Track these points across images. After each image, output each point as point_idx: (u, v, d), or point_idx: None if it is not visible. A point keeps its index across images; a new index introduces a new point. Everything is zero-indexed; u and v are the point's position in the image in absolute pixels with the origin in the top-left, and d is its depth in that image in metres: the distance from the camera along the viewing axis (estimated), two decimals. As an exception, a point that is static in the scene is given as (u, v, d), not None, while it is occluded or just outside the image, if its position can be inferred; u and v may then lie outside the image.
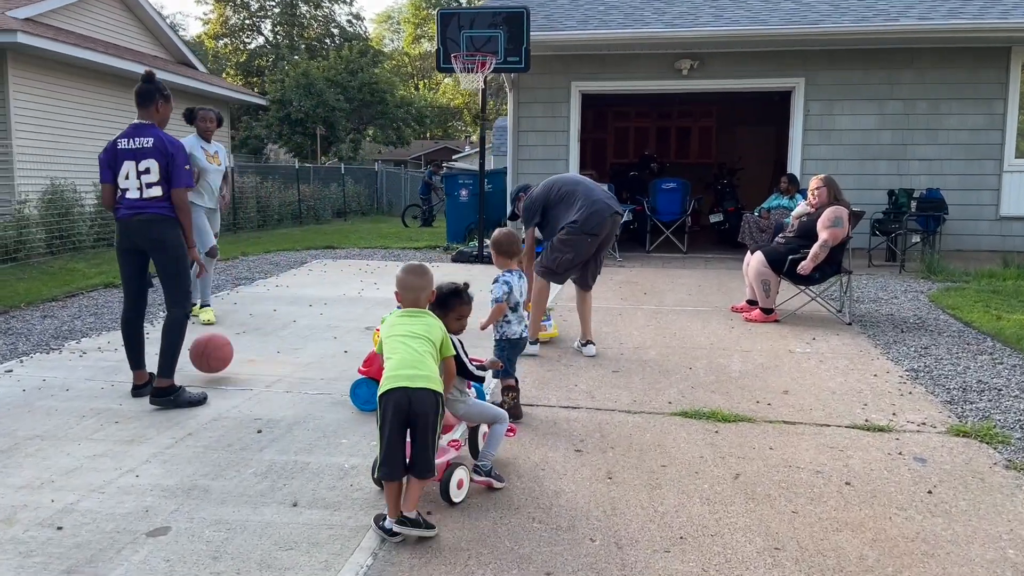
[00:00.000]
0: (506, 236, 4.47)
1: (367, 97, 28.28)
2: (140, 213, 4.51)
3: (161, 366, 4.56)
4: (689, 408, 4.54)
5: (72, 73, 14.31)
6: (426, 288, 3.19)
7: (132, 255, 4.65)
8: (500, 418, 3.53)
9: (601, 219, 5.51)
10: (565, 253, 5.58)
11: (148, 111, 4.63)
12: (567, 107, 11.84)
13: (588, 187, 5.65)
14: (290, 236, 14.63)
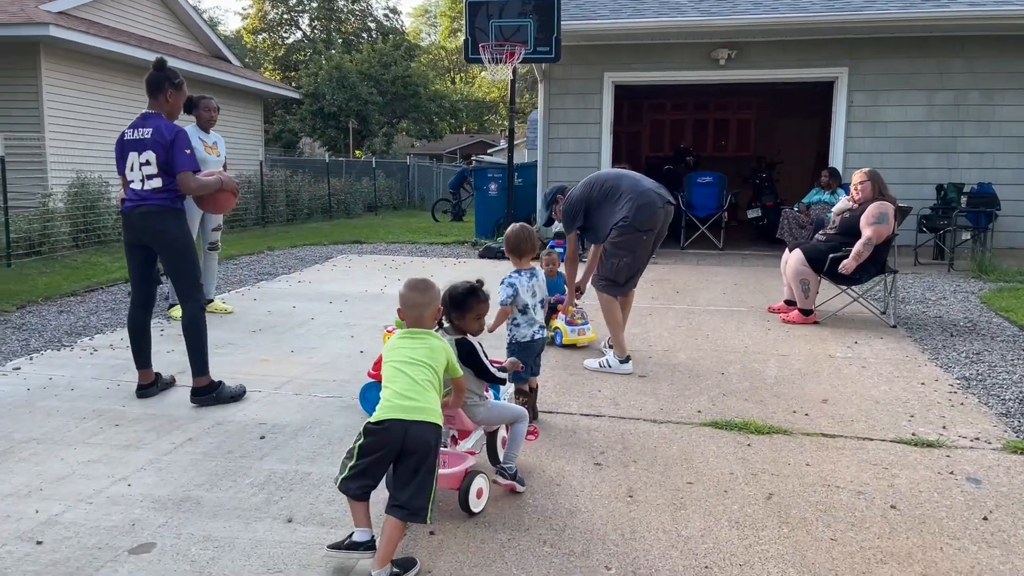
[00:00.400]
0: (517, 233, 4.16)
1: (400, 90, 28.15)
2: (140, 205, 4.36)
3: (194, 365, 4.42)
4: (720, 418, 4.24)
5: (105, 66, 14.34)
6: (430, 305, 2.92)
7: (137, 250, 4.49)
8: (521, 416, 3.37)
9: (653, 211, 4.98)
10: (622, 257, 5.04)
11: (157, 100, 4.45)
12: (599, 99, 11.52)
13: (633, 179, 5.12)
14: (319, 230, 14.52)
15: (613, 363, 5.11)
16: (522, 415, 3.39)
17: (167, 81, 4.46)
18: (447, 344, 2.98)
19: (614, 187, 5.11)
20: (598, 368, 5.15)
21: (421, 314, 2.90)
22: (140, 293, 4.56)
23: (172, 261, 4.46)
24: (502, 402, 3.56)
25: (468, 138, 46.67)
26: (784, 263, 6.95)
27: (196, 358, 4.44)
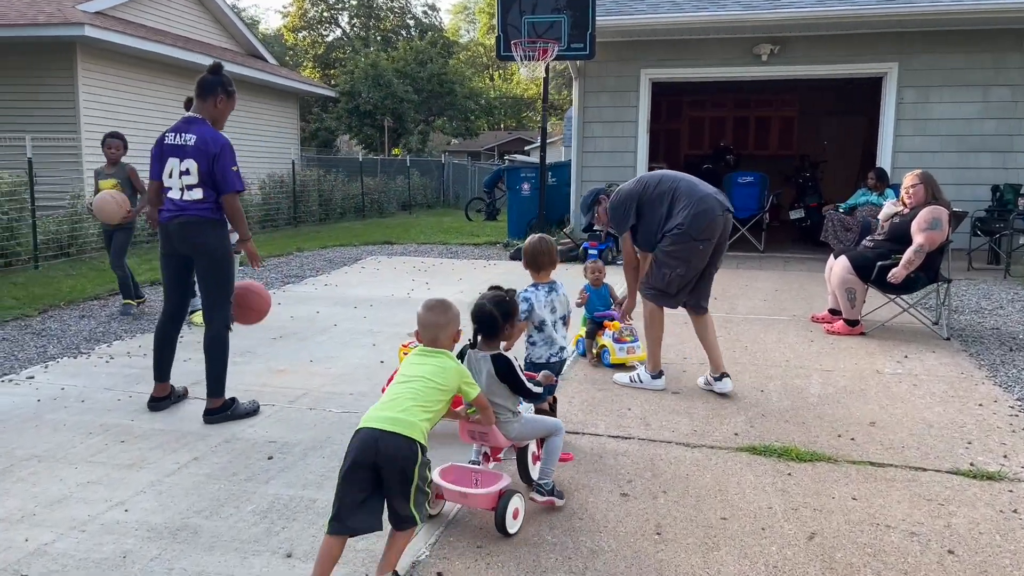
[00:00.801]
0: (534, 245, 3.90)
1: (436, 88, 28.01)
2: (179, 215, 4.17)
3: (210, 387, 4.25)
4: (758, 442, 3.94)
5: (141, 66, 14.39)
6: (448, 326, 2.83)
7: (173, 259, 4.30)
8: (556, 429, 3.26)
9: (711, 218, 4.52)
10: (675, 267, 4.60)
11: (205, 104, 4.27)
12: (636, 96, 11.19)
13: (690, 182, 4.67)
14: (351, 230, 14.41)
15: (645, 378, 4.82)
16: (557, 428, 3.27)
17: (220, 87, 4.31)
18: (461, 367, 2.85)
19: (670, 189, 4.64)
20: (628, 383, 4.85)
21: (436, 336, 2.81)
22: (173, 304, 4.40)
23: (208, 273, 4.27)
24: (536, 416, 3.38)
25: (506, 135, 46.45)
26: (829, 270, 6.60)
27: (215, 378, 4.26)
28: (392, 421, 2.56)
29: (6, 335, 5.93)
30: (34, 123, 12.74)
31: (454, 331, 2.85)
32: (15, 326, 6.20)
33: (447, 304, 2.88)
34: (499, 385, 3.08)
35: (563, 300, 3.87)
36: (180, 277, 4.37)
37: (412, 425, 2.57)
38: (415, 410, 2.61)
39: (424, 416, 2.63)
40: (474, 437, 3.23)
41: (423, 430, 2.60)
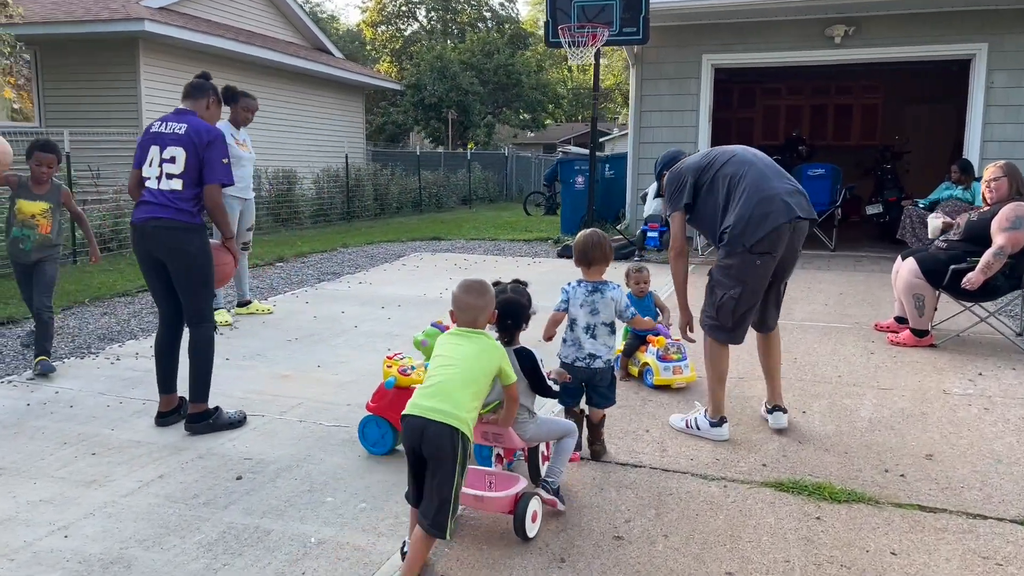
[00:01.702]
0: (585, 238, 3.58)
1: (503, 79, 27.63)
2: (156, 218, 3.88)
3: (193, 391, 4.00)
4: (788, 476, 3.42)
5: (203, 60, 14.47)
6: (485, 309, 2.79)
7: (154, 264, 4.00)
8: (570, 431, 3.15)
9: (771, 225, 3.54)
10: (728, 288, 3.70)
11: (197, 104, 4.06)
12: (697, 83, 10.55)
13: (761, 172, 3.67)
14: (404, 225, 14.20)
15: (703, 424, 3.90)
16: (571, 429, 3.15)
17: (212, 90, 4.13)
18: (502, 348, 2.80)
19: (735, 173, 3.69)
20: (684, 428, 3.96)
21: (476, 317, 2.75)
22: (167, 310, 4.11)
23: (187, 279, 3.99)
24: (551, 418, 3.27)
25: (583, 127, 45.76)
26: (895, 273, 5.92)
27: (198, 384, 4.01)
28: (437, 411, 2.51)
29: (21, 333, 5.84)
30: (98, 118, 12.95)
31: (491, 312, 2.82)
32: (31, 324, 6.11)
33: (485, 286, 2.82)
34: (520, 382, 2.92)
35: (607, 304, 3.50)
36: (168, 279, 4.09)
37: (458, 416, 2.51)
38: (461, 398, 2.55)
39: (472, 404, 2.58)
40: (487, 438, 3.05)
41: (469, 420, 2.55)
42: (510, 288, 3.06)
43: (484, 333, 2.75)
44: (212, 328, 4.11)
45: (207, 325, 4.07)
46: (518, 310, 3.01)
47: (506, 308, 2.96)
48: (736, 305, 3.70)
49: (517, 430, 3.01)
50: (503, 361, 2.71)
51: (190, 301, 4.04)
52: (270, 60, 15.67)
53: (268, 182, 12.86)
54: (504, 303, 2.97)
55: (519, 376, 2.95)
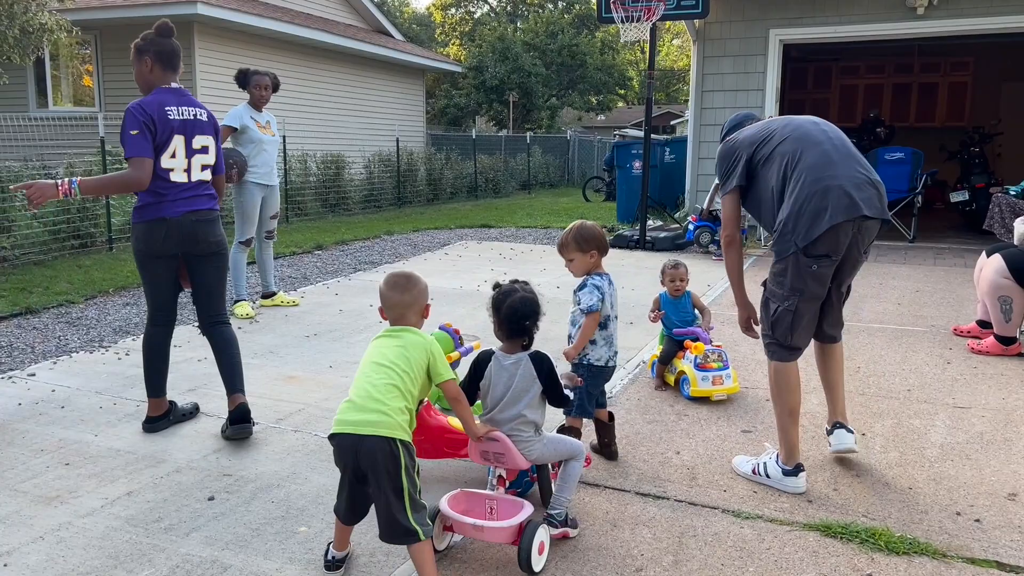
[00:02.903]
0: (594, 229, 3.35)
1: (567, 60, 26.93)
2: (196, 211, 3.59)
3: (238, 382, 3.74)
4: (837, 517, 2.90)
5: (258, 43, 14.37)
6: (413, 304, 2.60)
7: (168, 260, 3.66)
8: (576, 452, 2.83)
9: (833, 222, 2.93)
10: (783, 299, 3.11)
11: (176, 72, 3.67)
12: (763, 60, 9.82)
13: (825, 151, 3.03)
14: (455, 212, 13.83)
15: (773, 472, 3.16)
16: (579, 450, 2.85)
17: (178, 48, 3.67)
18: (430, 340, 2.56)
19: (794, 152, 3.07)
20: (750, 475, 3.24)
21: (403, 314, 2.59)
22: (167, 311, 3.81)
23: (221, 273, 3.81)
24: (559, 436, 2.92)
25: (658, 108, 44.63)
26: (978, 271, 5.24)
27: (241, 375, 3.78)
28: (366, 423, 2.34)
29: (38, 324, 5.69)
30: (154, 103, 12.95)
31: (422, 307, 2.63)
32: (54, 314, 5.97)
33: (413, 279, 2.63)
34: (527, 394, 2.67)
35: (614, 295, 3.33)
36: (175, 278, 3.80)
37: (389, 423, 2.34)
38: (389, 405, 2.36)
39: (400, 406, 2.38)
40: (488, 459, 2.73)
41: (403, 425, 2.37)
42: (520, 287, 2.76)
43: (409, 328, 2.56)
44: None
45: (229, 323, 3.89)
46: (533, 308, 2.71)
47: (522, 308, 2.69)
48: (793, 319, 3.11)
49: (522, 449, 2.69)
50: (433, 354, 2.51)
51: (218, 298, 3.83)
52: (326, 42, 15.48)
53: (317, 166, 12.63)
54: (519, 303, 2.69)
55: (525, 389, 2.66)
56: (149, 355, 3.80)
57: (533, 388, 2.66)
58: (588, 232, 3.26)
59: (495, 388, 2.69)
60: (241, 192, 5.90)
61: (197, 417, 3.95)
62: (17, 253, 7.47)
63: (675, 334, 4.34)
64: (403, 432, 2.35)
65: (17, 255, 7.47)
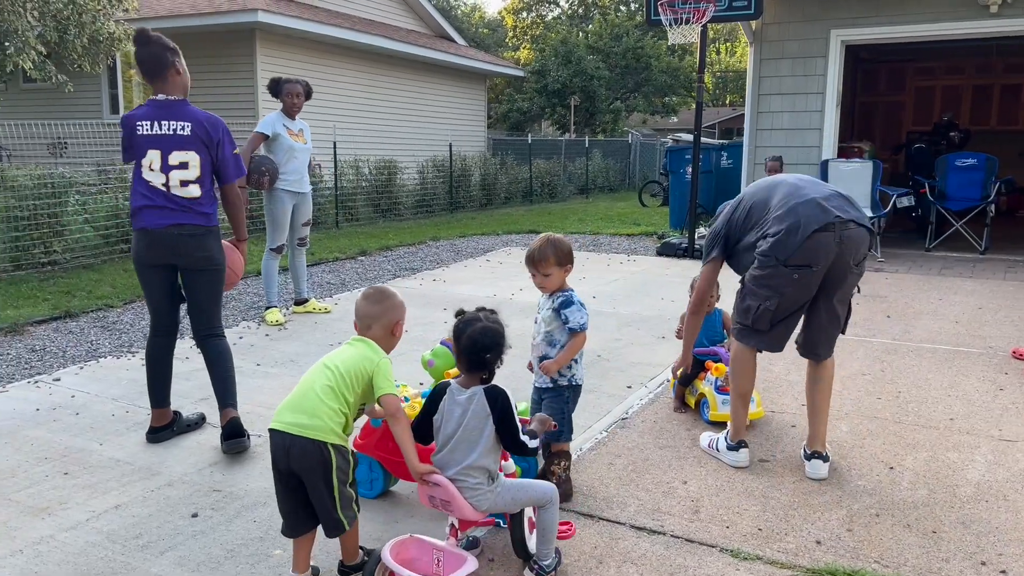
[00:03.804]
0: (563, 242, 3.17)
1: (631, 63, 26.53)
2: (180, 225, 3.55)
3: (232, 397, 3.72)
4: (845, 563, 2.66)
5: (320, 49, 14.58)
6: (382, 317, 2.58)
7: (159, 270, 3.68)
8: (547, 499, 2.54)
9: (805, 234, 3.07)
10: (763, 299, 3.26)
11: (167, 81, 3.56)
12: (824, 63, 9.40)
13: (795, 185, 3.27)
14: (507, 217, 13.71)
15: (722, 446, 3.50)
16: (548, 496, 2.55)
17: (166, 51, 3.56)
18: (380, 354, 2.52)
19: (765, 199, 3.31)
20: (707, 449, 3.59)
21: (368, 325, 2.59)
22: (169, 320, 3.82)
23: (212, 288, 3.73)
24: (520, 481, 2.64)
25: (730, 111, 43.68)
26: (1040, 290, 4.85)
27: (232, 390, 3.74)
28: (298, 425, 2.38)
29: (74, 328, 5.81)
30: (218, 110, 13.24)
31: (391, 322, 2.59)
32: (91, 319, 6.09)
33: (386, 292, 2.63)
34: (481, 435, 2.44)
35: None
36: (171, 286, 3.78)
37: (322, 427, 2.38)
38: (324, 407, 2.39)
39: (334, 408, 2.41)
40: (435, 504, 2.51)
41: (335, 428, 2.40)
42: (483, 316, 2.57)
43: (366, 340, 2.55)
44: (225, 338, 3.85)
45: (224, 337, 3.83)
46: (496, 340, 2.50)
47: (481, 339, 2.47)
48: (773, 316, 3.27)
49: (471, 499, 2.44)
50: (378, 369, 2.47)
51: (210, 312, 3.77)
52: (387, 48, 15.61)
53: (370, 171, 12.71)
54: (479, 334, 2.48)
55: (477, 429, 2.43)
56: (149, 365, 3.81)
57: (487, 427, 2.44)
58: (565, 246, 3.10)
59: (447, 424, 2.48)
60: (272, 199, 5.92)
61: (202, 428, 3.94)
62: (68, 257, 7.70)
63: (696, 353, 4.11)
64: (334, 436, 2.39)
65: (68, 259, 7.70)
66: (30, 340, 5.50)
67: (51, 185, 7.51)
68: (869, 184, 8.91)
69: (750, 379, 3.47)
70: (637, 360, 5.05)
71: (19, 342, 5.45)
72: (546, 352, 3.12)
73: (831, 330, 3.35)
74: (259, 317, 6.16)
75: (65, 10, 10.19)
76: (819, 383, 3.40)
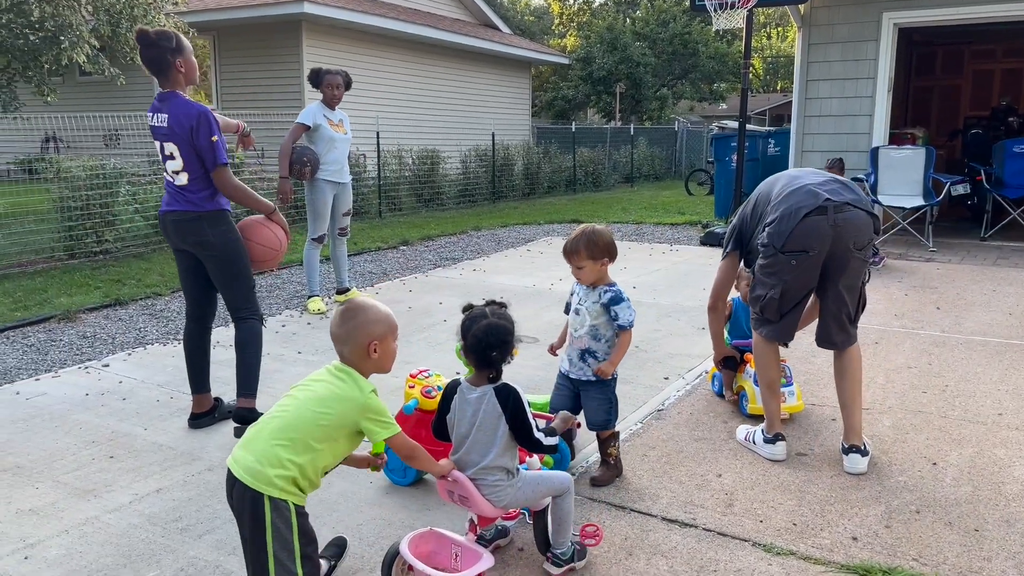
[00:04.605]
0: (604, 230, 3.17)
1: (679, 49, 26.14)
2: (172, 211, 3.69)
3: (241, 388, 3.78)
4: (881, 560, 2.61)
5: (364, 39, 14.70)
6: (349, 339, 2.25)
7: (183, 255, 3.80)
8: (563, 488, 2.51)
9: (797, 218, 3.12)
10: (769, 288, 3.31)
11: (169, 78, 3.64)
12: (874, 47, 9.14)
13: (793, 176, 3.36)
14: (549, 206, 13.65)
15: (758, 439, 3.48)
16: (565, 486, 2.51)
17: (167, 52, 3.59)
18: (367, 397, 2.20)
19: (764, 195, 3.44)
20: (743, 442, 3.56)
21: (341, 351, 2.28)
22: (196, 304, 3.91)
23: (222, 271, 3.74)
24: (537, 473, 2.57)
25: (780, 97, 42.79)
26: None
27: (246, 377, 3.78)
28: (248, 470, 2.05)
29: (124, 316, 5.97)
30: (266, 101, 13.46)
31: (364, 342, 2.24)
32: (140, 306, 6.25)
33: (357, 308, 2.31)
34: (495, 434, 2.37)
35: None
36: (197, 272, 3.84)
37: (268, 480, 2.03)
38: (276, 453, 2.06)
39: (287, 459, 2.06)
40: (453, 499, 2.48)
41: (279, 479, 2.04)
42: (490, 311, 2.46)
43: (351, 374, 2.22)
44: (257, 322, 3.85)
45: (251, 320, 3.81)
46: (503, 337, 2.39)
47: (486, 337, 2.37)
48: (780, 304, 3.32)
49: (489, 495, 2.39)
50: (364, 415, 2.16)
51: (227, 296, 3.81)
52: (430, 37, 15.66)
53: (412, 161, 12.78)
54: (484, 331, 2.38)
55: (491, 428, 2.37)
56: (185, 351, 3.90)
57: (500, 427, 2.37)
58: (602, 239, 3.06)
59: (459, 424, 2.42)
60: (313, 190, 5.99)
61: (243, 414, 4.01)
62: (119, 246, 7.91)
63: (737, 344, 4.06)
64: (275, 488, 2.03)
65: (119, 247, 7.91)
66: (82, 327, 5.67)
67: (103, 176, 7.71)
68: (921, 171, 8.65)
69: (775, 368, 3.46)
70: (675, 351, 4.99)
71: (71, 329, 5.62)
72: (590, 346, 3.11)
73: (841, 318, 3.33)
74: (301, 306, 6.25)
75: (118, 4, 10.42)
76: (845, 373, 3.38)
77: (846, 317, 3.32)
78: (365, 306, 2.31)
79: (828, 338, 3.38)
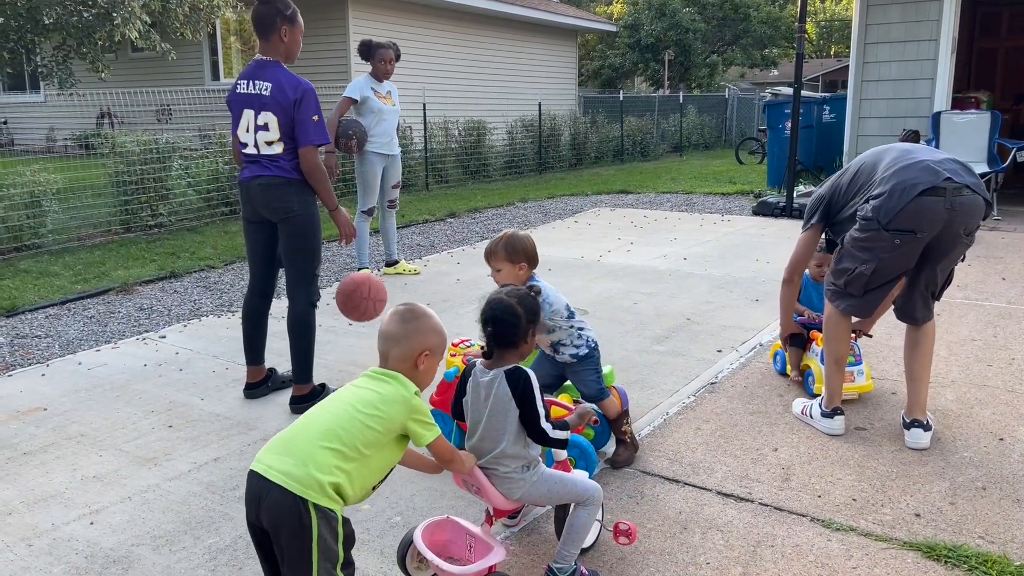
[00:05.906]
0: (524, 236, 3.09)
1: (729, 14, 25.49)
2: (260, 176, 3.66)
3: (296, 373, 3.79)
4: (947, 537, 2.54)
5: (411, 11, 14.61)
6: (403, 341, 2.08)
7: (256, 226, 3.81)
8: (588, 496, 2.33)
9: (910, 196, 2.90)
10: (859, 263, 3.12)
11: (270, 43, 3.64)
12: (937, 6, 8.78)
13: (906, 149, 3.12)
14: (597, 177, 13.51)
15: (815, 413, 3.40)
16: (590, 496, 2.33)
17: (278, 15, 3.61)
18: (414, 400, 2.03)
19: (868, 166, 3.18)
20: (800, 415, 3.49)
21: (388, 351, 2.09)
22: (261, 278, 3.93)
23: (293, 242, 3.73)
24: (561, 474, 2.41)
25: (835, 63, 41.58)
26: None
27: (300, 363, 3.78)
28: (284, 474, 1.85)
29: (179, 288, 6.09)
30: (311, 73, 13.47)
31: (417, 350, 2.07)
32: (194, 279, 6.37)
33: (415, 312, 2.13)
34: (504, 420, 2.24)
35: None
36: (267, 245, 3.87)
37: (311, 484, 1.83)
38: (323, 458, 1.87)
39: (335, 465, 1.88)
40: (468, 488, 2.40)
41: (328, 487, 1.85)
42: (508, 292, 2.33)
43: (396, 377, 2.05)
44: (312, 303, 3.80)
45: (307, 299, 3.78)
46: (503, 316, 2.26)
47: (491, 310, 2.28)
48: (869, 281, 3.14)
49: (502, 487, 2.28)
50: (410, 416, 2.01)
51: (293, 267, 3.77)
52: (475, 7, 15.51)
53: (459, 132, 12.74)
54: (489, 305, 2.30)
55: (503, 413, 2.24)
56: (244, 323, 3.94)
57: (511, 412, 2.23)
58: (519, 243, 2.95)
59: (473, 409, 2.32)
60: (362, 162, 6.00)
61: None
62: (173, 220, 8.06)
63: (802, 321, 3.92)
64: (320, 495, 1.84)
65: (173, 221, 8.06)
66: (139, 299, 5.79)
67: (156, 151, 7.84)
68: (986, 137, 8.33)
69: (845, 343, 3.37)
70: (728, 323, 4.91)
71: (129, 301, 5.75)
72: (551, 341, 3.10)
73: (927, 295, 3.21)
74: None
75: (167, -20, 10.54)
76: (918, 347, 3.26)
77: (931, 294, 3.22)
78: (427, 313, 2.16)
79: (911, 313, 3.25)
